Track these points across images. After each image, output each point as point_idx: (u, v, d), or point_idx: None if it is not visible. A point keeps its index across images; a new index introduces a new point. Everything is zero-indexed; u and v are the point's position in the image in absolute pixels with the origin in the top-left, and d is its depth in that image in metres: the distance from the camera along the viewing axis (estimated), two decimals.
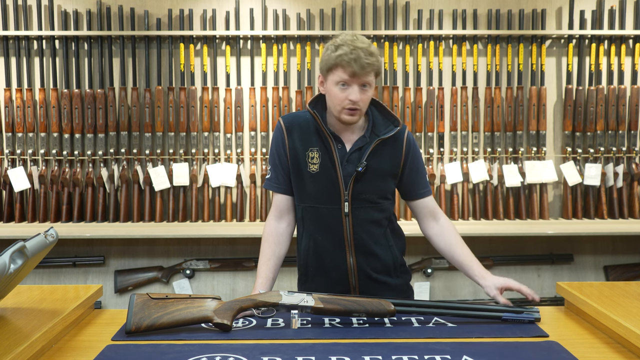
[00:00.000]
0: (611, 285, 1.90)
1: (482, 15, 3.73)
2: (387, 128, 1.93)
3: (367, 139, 1.91)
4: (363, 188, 1.91)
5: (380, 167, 1.92)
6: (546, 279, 3.80)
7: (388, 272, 2.01)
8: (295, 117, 1.97)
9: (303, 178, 1.93)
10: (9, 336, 1.42)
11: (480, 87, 3.76)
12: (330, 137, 1.90)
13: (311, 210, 1.95)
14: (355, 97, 1.81)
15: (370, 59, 1.79)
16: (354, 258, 1.95)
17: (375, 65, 1.81)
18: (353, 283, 1.98)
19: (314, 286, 2.00)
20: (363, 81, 1.82)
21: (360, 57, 1.78)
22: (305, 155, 1.92)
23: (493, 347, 1.50)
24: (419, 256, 3.76)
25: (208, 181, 3.69)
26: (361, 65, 1.78)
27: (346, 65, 1.79)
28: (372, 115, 1.95)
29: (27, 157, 3.71)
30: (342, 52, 1.79)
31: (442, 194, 3.71)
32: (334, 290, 1.89)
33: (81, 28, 3.70)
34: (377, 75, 1.87)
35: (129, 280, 3.70)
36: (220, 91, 3.71)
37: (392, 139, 1.94)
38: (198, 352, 1.47)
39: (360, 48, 1.79)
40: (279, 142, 1.96)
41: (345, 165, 1.90)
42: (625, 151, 3.74)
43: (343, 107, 1.83)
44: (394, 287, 2.03)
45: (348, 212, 1.91)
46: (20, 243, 1.46)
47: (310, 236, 1.97)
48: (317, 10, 3.70)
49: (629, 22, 3.73)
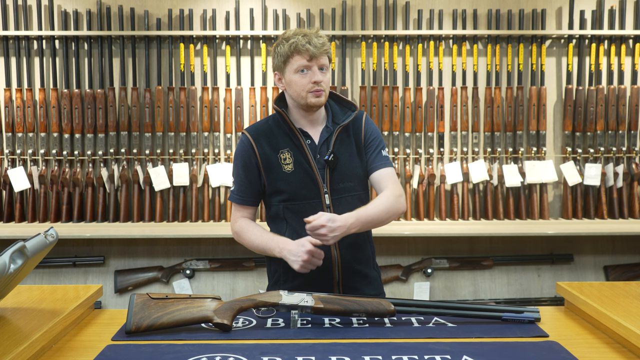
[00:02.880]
0: (611, 285, 1.90)
1: (482, 15, 3.73)
2: (345, 115, 2.02)
3: (331, 129, 1.99)
4: (339, 176, 1.96)
5: (348, 153, 1.99)
6: (546, 279, 3.80)
7: (368, 264, 2.05)
8: (258, 126, 2.03)
9: (279, 179, 1.96)
10: (9, 336, 1.42)
11: (480, 87, 3.76)
12: (299, 133, 1.96)
13: (292, 206, 1.97)
14: (317, 77, 1.90)
15: (321, 39, 1.91)
16: (338, 250, 1.97)
17: (327, 45, 1.92)
18: (337, 277, 1.98)
19: (296, 283, 1.96)
20: (321, 63, 1.91)
21: (312, 39, 1.89)
22: (277, 157, 1.97)
23: (493, 347, 1.50)
24: (419, 256, 3.75)
25: (208, 181, 3.69)
26: (315, 46, 1.88)
27: (303, 51, 1.89)
28: (329, 106, 2.04)
29: (27, 157, 3.71)
30: (294, 40, 1.90)
31: (442, 194, 3.71)
32: (317, 285, 1.91)
33: (81, 28, 3.70)
34: (329, 60, 1.96)
35: (129, 280, 3.70)
36: (220, 91, 3.71)
37: (353, 124, 2.02)
38: (198, 352, 1.47)
39: (310, 33, 1.91)
40: (246, 153, 1.99)
41: (318, 159, 1.96)
42: (625, 151, 3.74)
43: (308, 90, 1.91)
44: (372, 281, 2.06)
45: (330, 204, 1.95)
46: (20, 243, 1.46)
47: (293, 231, 1.97)
48: (317, 10, 3.70)
49: (629, 22, 3.73)
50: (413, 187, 3.71)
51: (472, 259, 3.76)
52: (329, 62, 1.95)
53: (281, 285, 2.01)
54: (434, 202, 3.70)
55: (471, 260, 3.75)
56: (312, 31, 1.92)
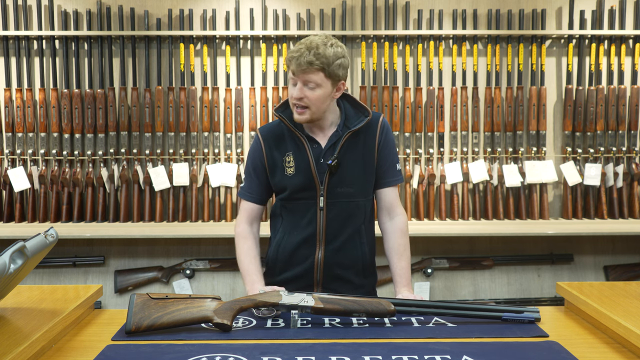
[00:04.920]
0: (611, 285, 1.89)
1: (482, 15, 3.73)
2: (358, 119, 1.97)
3: (340, 133, 1.96)
4: (338, 180, 1.95)
5: (355, 158, 1.96)
6: (546, 279, 3.80)
7: (355, 271, 2.03)
8: (270, 127, 2.03)
9: (282, 181, 1.99)
10: (9, 336, 1.42)
11: (480, 87, 3.76)
12: (303, 138, 1.94)
13: (288, 205, 2.01)
14: (296, 93, 1.85)
15: (310, 57, 1.80)
16: (323, 252, 1.98)
17: (315, 64, 1.81)
18: (317, 278, 2.00)
19: (278, 280, 2.03)
20: (305, 79, 1.84)
21: (302, 55, 1.81)
22: (283, 160, 1.98)
23: (493, 347, 1.50)
24: (419, 256, 3.76)
25: (208, 181, 3.69)
26: (298, 63, 1.82)
27: (289, 63, 1.85)
28: (344, 109, 2.00)
29: (27, 157, 3.71)
30: (292, 49, 1.87)
31: (442, 194, 3.71)
32: (296, 285, 1.96)
33: (81, 28, 3.70)
34: (332, 77, 1.85)
35: (129, 280, 3.70)
36: (220, 91, 3.71)
37: (366, 128, 1.98)
38: (198, 352, 1.47)
39: (308, 46, 1.82)
40: (256, 153, 2.02)
41: (321, 163, 1.94)
42: (625, 151, 3.74)
43: (292, 103, 1.89)
44: (358, 287, 2.04)
45: (323, 207, 1.95)
46: (20, 243, 1.46)
47: (284, 231, 2.02)
48: (317, 10, 3.70)
49: (629, 22, 3.73)
50: (413, 187, 3.71)
51: (472, 259, 3.76)
52: (328, 79, 1.84)
53: (268, 277, 2.06)
54: (434, 202, 3.70)
55: (471, 260, 3.76)
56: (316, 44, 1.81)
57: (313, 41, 1.84)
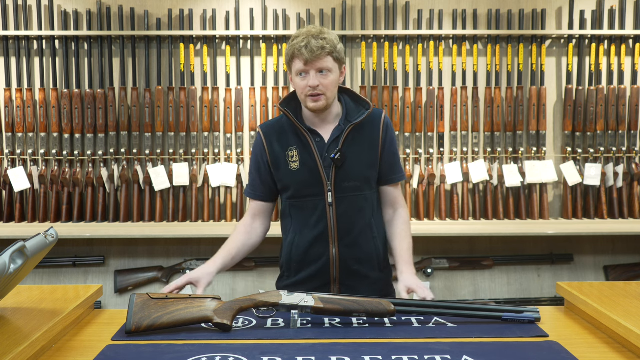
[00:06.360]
0: (611, 285, 1.89)
1: (482, 15, 3.74)
2: (359, 113, 1.98)
3: (342, 127, 1.96)
4: (345, 175, 1.95)
5: (359, 152, 1.97)
6: (546, 279, 3.80)
7: (370, 265, 2.03)
8: (271, 124, 2.05)
9: (286, 176, 1.98)
10: (9, 336, 1.42)
11: (480, 87, 3.76)
12: (306, 132, 1.95)
13: (297, 203, 2.00)
14: (312, 82, 1.86)
15: (320, 42, 1.84)
16: (337, 249, 1.98)
17: (327, 48, 1.85)
18: (334, 275, 1.99)
19: (294, 281, 2.02)
20: (319, 67, 1.86)
21: (310, 42, 1.84)
22: (286, 155, 1.98)
23: (493, 347, 1.50)
24: (419, 256, 3.76)
25: (208, 181, 3.69)
26: (311, 50, 1.83)
27: (299, 55, 1.86)
28: (345, 103, 2.00)
29: (27, 157, 3.71)
30: (294, 42, 1.88)
31: (442, 194, 3.71)
32: (313, 283, 1.96)
33: (81, 28, 3.70)
34: (338, 60, 1.90)
35: (129, 280, 3.70)
36: (220, 91, 3.71)
37: (369, 123, 1.98)
38: (198, 352, 1.47)
39: (312, 34, 1.85)
40: (258, 150, 2.03)
41: (325, 157, 1.94)
42: (625, 151, 3.74)
43: (306, 94, 1.89)
44: (375, 282, 2.04)
45: (332, 202, 1.95)
46: (20, 243, 1.46)
47: (296, 231, 2.02)
48: (317, 10, 3.70)
49: (629, 22, 3.73)
50: (413, 187, 3.71)
51: (472, 259, 3.76)
52: (336, 63, 1.89)
53: (285, 279, 2.06)
54: (434, 202, 3.70)
55: (471, 260, 3.76)
56: (316, 31, 1.87)
57: (310, 30, 1.88)
